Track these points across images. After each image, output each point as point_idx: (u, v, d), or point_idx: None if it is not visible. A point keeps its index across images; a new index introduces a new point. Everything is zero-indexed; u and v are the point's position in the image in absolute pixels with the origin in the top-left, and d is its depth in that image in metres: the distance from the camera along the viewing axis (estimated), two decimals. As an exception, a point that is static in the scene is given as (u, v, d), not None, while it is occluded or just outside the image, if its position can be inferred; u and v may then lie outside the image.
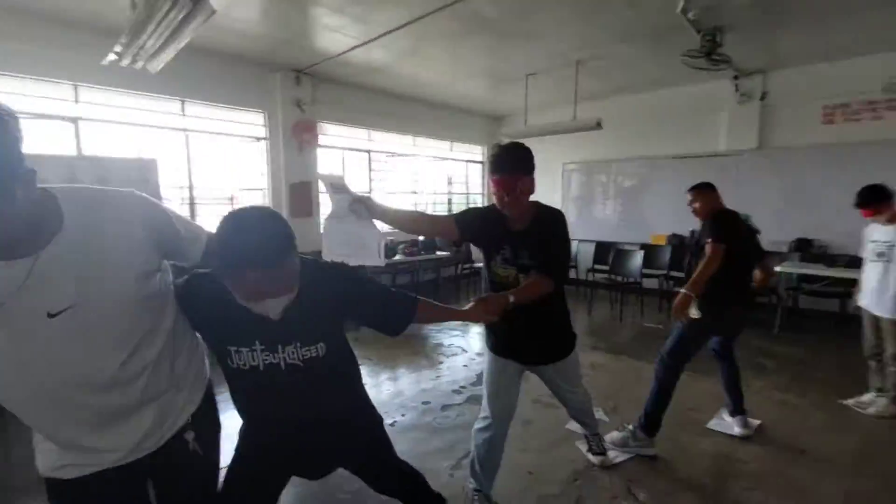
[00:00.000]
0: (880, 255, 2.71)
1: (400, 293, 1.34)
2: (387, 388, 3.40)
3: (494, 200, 1.70)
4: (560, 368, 1.91)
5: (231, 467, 1.26)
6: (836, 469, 2.28)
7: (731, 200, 2.58)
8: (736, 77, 5.27)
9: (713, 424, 2.71)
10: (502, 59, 4.85)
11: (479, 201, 8.46)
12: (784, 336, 4.47)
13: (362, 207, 1.66)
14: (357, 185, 6.38)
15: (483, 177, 8.42)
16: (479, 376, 3.56)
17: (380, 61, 4.88)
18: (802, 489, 2.13)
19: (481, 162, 8.40)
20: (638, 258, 5.46)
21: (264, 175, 5.43)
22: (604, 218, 6.99)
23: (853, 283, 4.31)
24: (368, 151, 6.52)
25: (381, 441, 1.45)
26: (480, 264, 7.07)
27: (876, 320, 2.82)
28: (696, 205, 2.50)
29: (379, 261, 1.69)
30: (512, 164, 1.62)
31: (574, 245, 5.90)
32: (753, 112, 5.32)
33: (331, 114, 5.83)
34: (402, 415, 2.90)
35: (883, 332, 2.77)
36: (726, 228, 2.31)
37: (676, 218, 5.97)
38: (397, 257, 5.63)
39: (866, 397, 2.92)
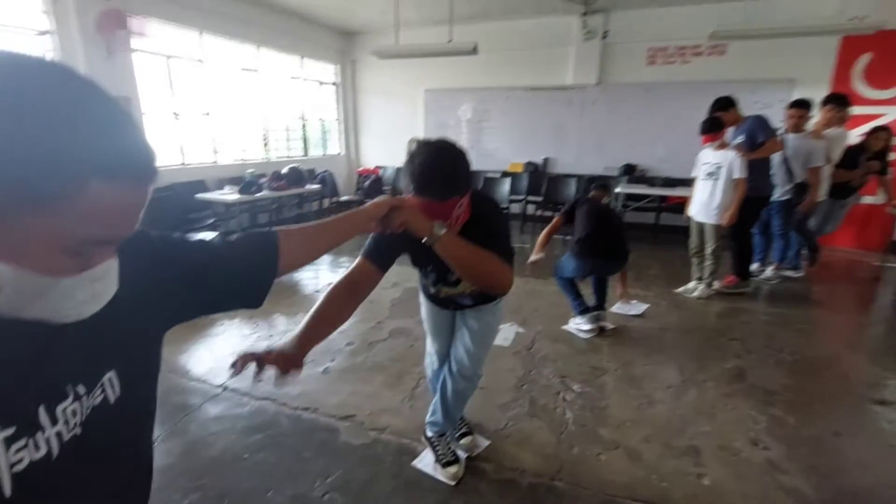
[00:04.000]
0: (710, 174, 3.46)
1: (253, 235, 0.78)
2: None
3: None
4: (477, 316, 1.69)
5: None
6: (683, 332, 3.15)
7: (573, 131, 2.98)
8: (584, 14, 5.76)
9: (616, 308, 3.43)
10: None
11: (333, 128, 7.83)
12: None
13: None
14: (190, 107, 5.28)
15: (338, 101, 7.74)
16: (392, 307, 3.55)
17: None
18: (669, 345, 3.02)
19: (335, 84, 7.66)
20: (506, 185, 5.89)
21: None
22: (462, 146, 7.17)
23: (665, 200, 5.42)
24: (201, 61, 5.32)
25: None
26: (346, 197, 6.78)
27: (701, 226, 3.66)
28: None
29: None
30: (447, 186, 1.16)
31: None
32: (595, 49, 5.96)
33: (152, 5, 4.50)
34: (332, 360, 2.73)
35: (706, 235, 3.62)
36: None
37: (529, 146, 6.56)
38: (262, 193, 4.93)
39: (690, 285, 3.85)
